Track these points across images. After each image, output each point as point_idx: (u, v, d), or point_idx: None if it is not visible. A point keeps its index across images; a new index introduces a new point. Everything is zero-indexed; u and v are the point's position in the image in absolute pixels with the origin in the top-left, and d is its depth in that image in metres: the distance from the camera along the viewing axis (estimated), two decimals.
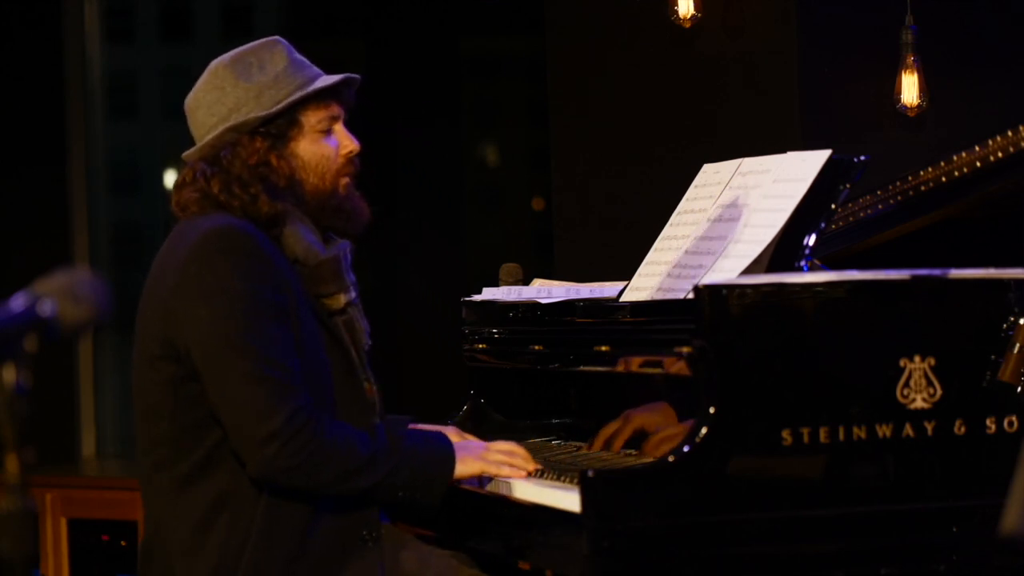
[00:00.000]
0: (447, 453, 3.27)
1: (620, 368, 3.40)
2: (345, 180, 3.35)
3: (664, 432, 3.28)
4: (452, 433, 3.50)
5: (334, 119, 3.34)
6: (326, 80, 3.32)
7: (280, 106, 3.26)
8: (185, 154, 3.34)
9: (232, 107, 3.27)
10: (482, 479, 3.36)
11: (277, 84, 3.28)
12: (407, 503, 3.25)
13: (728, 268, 3.32)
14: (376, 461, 3.16)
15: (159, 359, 3.20)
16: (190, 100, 3.34)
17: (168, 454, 3.22)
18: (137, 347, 3.27)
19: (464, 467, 3.27)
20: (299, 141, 3.30)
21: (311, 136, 3.31)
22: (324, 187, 3.32)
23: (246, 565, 3.15)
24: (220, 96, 3.28)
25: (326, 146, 3.32)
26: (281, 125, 3.28)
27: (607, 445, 3.47)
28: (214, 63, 3.33)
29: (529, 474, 3.32)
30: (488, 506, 3.39)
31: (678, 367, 3.16)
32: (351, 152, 3.36)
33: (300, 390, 3.11)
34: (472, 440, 3.45)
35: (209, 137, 3.28)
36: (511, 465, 3.30)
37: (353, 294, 3.33)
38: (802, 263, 3.28)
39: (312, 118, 3.31)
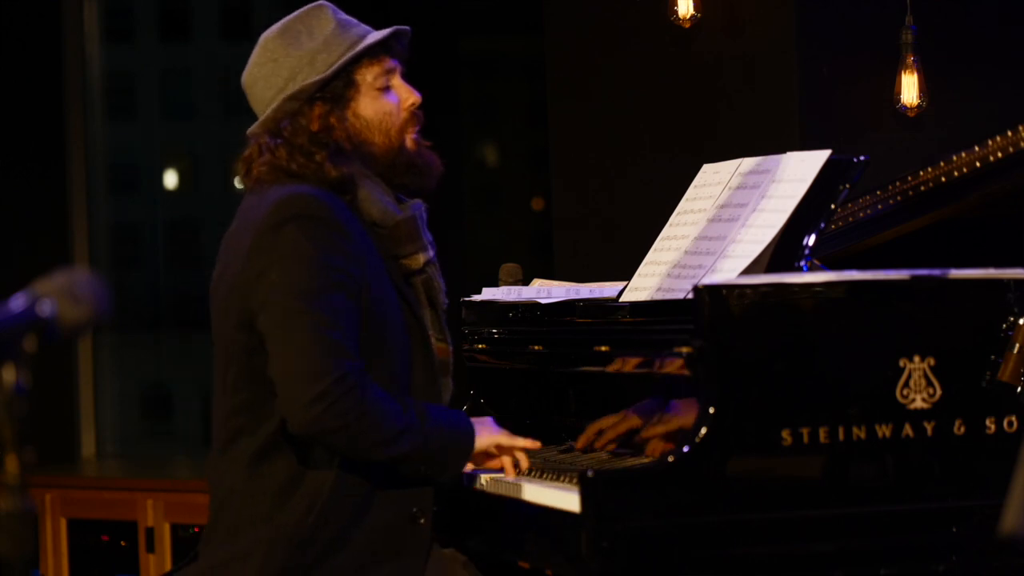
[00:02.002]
0: (468, 431, 3.29)
1: (620, 368, 3.40)
2: (412, 134, 3.36)
3: (654, 429, 3.28)
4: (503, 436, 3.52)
5: (390, 73, 3.35)
6: (376, 35, 3.33)
7: (334, 68, 3.27)
8: (249, 129, 3.35)
9: (288, 76, 3.28)
10: (476, 477, 3.37)
11: (328, 47, 3.29)
12: (425, 476, 3.27)
13: (728, 268, 3.32)
14: (407, 434, 3.18)
15: (235, 329, 3.23)
16: (246, 77, 3.35)
17: (245, 424, 3.25)
18: (215, 320, 3.31)
19: (480, 440, 3.31)
20: (359, 101, 3.31)
21: (370, 94, 3.32)
22: (392, 144, 3.33)
23: (310, 531, 3.18)
24: (274, 68, 3.29)
25: (387, 102, 3.33)
26: (338, 87, 3.29)
27: (596, 442, 3.47)
28: (263, 36, 3.35)
29: (530, 473, 3.32)
30: (488, 505, 3.39)
31: (678, 367, 3.15)
32: (413, 104, 3.37)
33: (352, 355, 3.13)
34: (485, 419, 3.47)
35: (269, 110, 3.29)
36: (517, 444, 3.35)
37: (431, 253, 3.36)
38: (802, 263, 3.28)
39: (368, 75, 3.32)
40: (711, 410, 3.01)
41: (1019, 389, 3.13)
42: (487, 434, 3.34)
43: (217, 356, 3.32)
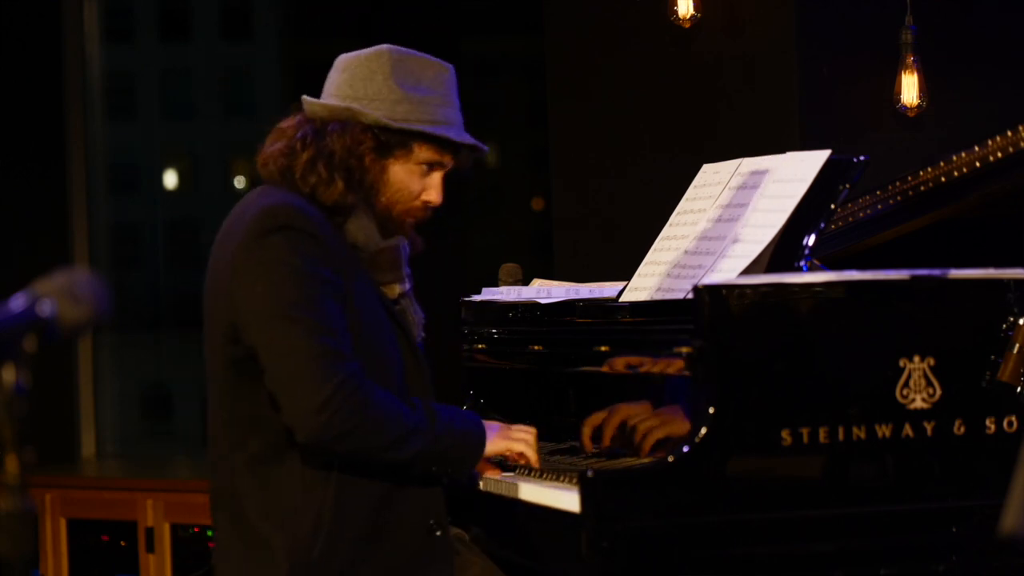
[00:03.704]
0: (479, 430, 3.30)
1: (619, 368, 3.40)
2: (411, 220, 3.38)
3: (653, 429, 3.28)
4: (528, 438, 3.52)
5: (437, 167, 3.37)
6: (458, 134, 3.36)
7: (404, 126, 3.29)
8: (305, 97, 3.35)
9: (369, 97, 3.30)
10: (476, 477, 3.37)
11: (418, 107, 3.32)
12: (438, 476, 3.27)
13: (727, 268, 3.32)
14: (417, 433, 3.18)
15: (225, 341, 3.23)
16: (345, 60, 3.36)
17: (241, 434, 3.24)
18: (206, 330, 3.31)
19: (492, 445, 3.31)
20: (398, 162, 3.32)
21: (410, 167, 3.33)
22: (391, 212, 3.34)
23: (322, 545, 3.17)
24: (368, 78, 3.31)
25: (416, 182, 3.35)
26: (394, 140, 3.30)
27: (595, 439, 3.47)
28: (386, 48, 3.35)
29: (530, 472, 3.32)
30: (488, 506, 3.39)
31: (677, 367, 3.15)
32: (430, 203, 3.38)
33: (350, 358, 3.13)
34: (494, 422, 3.47)
35: (332, 102, 3.31)
36: (532, 448, 3.35)
37: (408, 285, 3.37)
38: (801, 263, 3.28)
39: (423, 154, 3.34)
40: (711, 410, 3.01)
41: (1019, 389, 3.13)
42: (497, 438, 3.34)
43: (209, 366, 3.32)
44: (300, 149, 3.28)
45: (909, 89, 5.13)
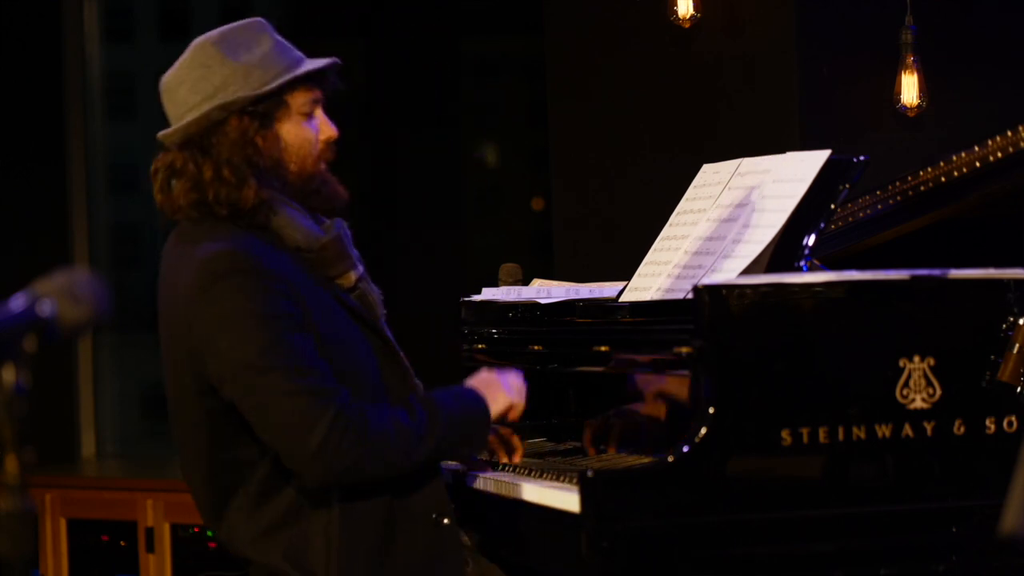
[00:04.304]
0: (480, 406, 3.30)
1: (619, 368, 3.40)
2: (324, 165, 3.34)
3: (647, 424, 3.28)
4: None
5: (316, 103, 3.32)
6: (315, 63, 3.30)
7: (271, 86, 3.23)
8: (162, 133, 3.28)
9: (219, 85, 3.23)
10: (476, 477, 3.38)
11: (264, 64, 3.25)
12: (454, 458, 3.33)
13: (727, 268, 3.32)
14: (424, 436, 3.17)
15: (197, 396, 3.20)
16: (170, 78, 3.29)
17: (232, 481, 3.22)
18: (171, 386, 3.27)
19: (496, 405, 3.33)
20: (284, 123, 3.27)
21: (295, 119, 3.28)
22: (304, 171, 3.29)
23: (337, 562, 3.16)
24: (206, 74, 3.24)
25: (308, 130, 3.30)
26: (268, 106, 3.25)
27: (596, 440, 3.47)
28: (198, 41, 3.30)
29: (530, 472, 3.32)
30: (487, 505, 3.39)
31: (677, 367, 3.15)
32: (331, 138, 3.33)
33: (335, 390, 3.11)
34: (483, 374, 3.43)
35: (192, 115, 3.23)
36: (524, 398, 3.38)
37: (360, 268, 3.33)
38: (801, 263, 3.28)
39: (298, 100, 3.28)
40: (711, 410, 3.01)
41: (1019, 389, 3.13)
42: (502, 398, 3.34)
43: (176, 420, 3.27)
44: (199, 167, 3.21)
45: (909, 89, 5.13)
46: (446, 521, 3.27)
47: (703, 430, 3.00)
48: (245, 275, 3.13)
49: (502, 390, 3.35)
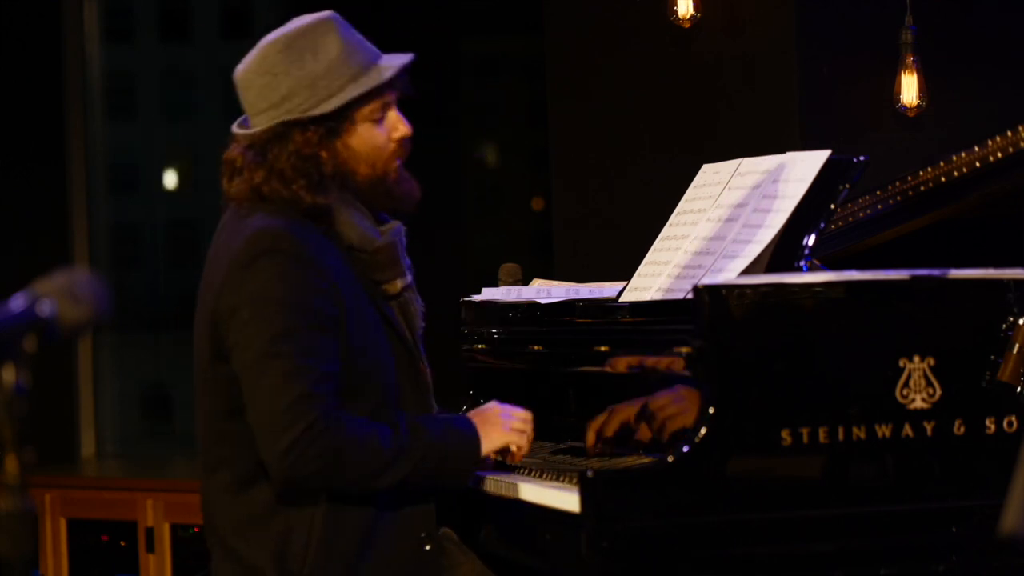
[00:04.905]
0: (471, 437, 3.26)
1: (619, 368, 3.40)
2: (397, 162, 3.31)
3: (653, 429, 3.28)
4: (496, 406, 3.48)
5: (387, 107, 3.29)
6: (382, 74, 3.25)
7: (334, 104, 3.20)
8: (236, 129, 3.30)
9: (285, 95, 3.20)
10: (476, 477, 3.37)
11: (331, 73, 3.21)
12: (436, 489, 3.26)
13: (727, 268, 3.32)
14: (400, 458, 3.15)
15: (211, 361, 3.21)
16: (241, 77, 3.27)
17: (227, 454, 3.23)
18: (195, 346, 3.28)
19: (489, 443, 3.28)
20: (352, 132, 3.24)
21: (364, 126, 3.26)
22: (375, 174, 3.28)
23: (309, 567, 3.16)
24: (271, 81, 3.21)
25: (378, 135, 3.27)
26: (334, 121, 3.22)
27: (598, 438, 3.47)
28: (266, 43, 3.25)
29: (530, 472, 3.32)
30: (487, 506, 3.39)
31: (677, 367, 3.15)
32: (403, 136, 3.31)
33: (323, 396, 3.10)
34: (490, 407, 3.41)
35: (259, 129, 3.23)
36: (528, 437, 3.32)
37: (409, 278, 3.33)
38: (801, 263, 3.28)
39: (366, 110, 3.25)
40: (711, 410, 3.01)
41: (1019, 389, 3.13)
42: (496, 434, 3.29)
43: (196, 382, 3.29)
44: (257, 177, 3.22)
45: (909, 89, 5.13)
46: (428, 547, 3.26)
47: (703, 430, 3.00)
48: (287, 258, 3.14)
49: (500, 428, 3.30)
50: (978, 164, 3.65)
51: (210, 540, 3.30)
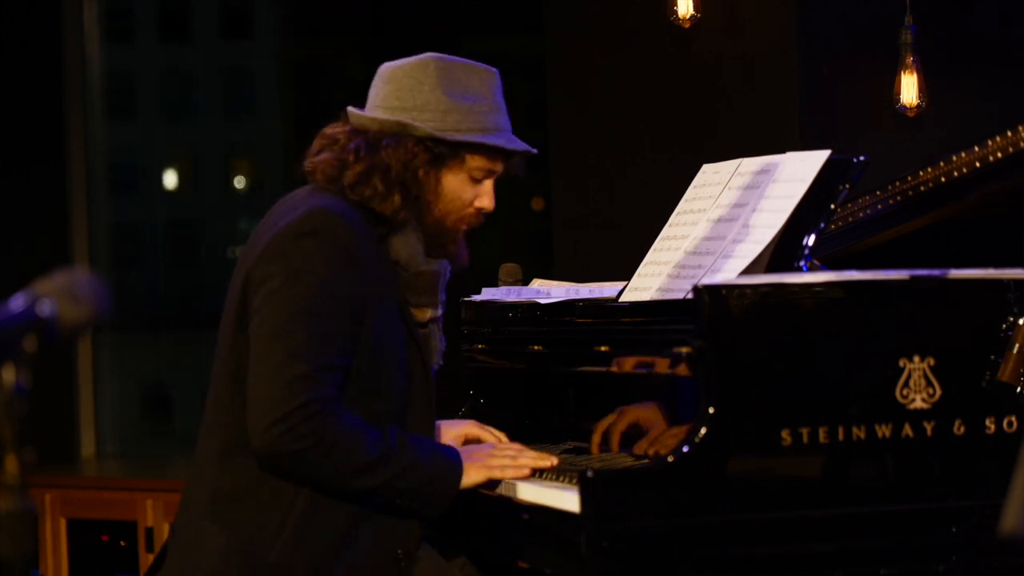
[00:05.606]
0: (453, 467, 3.24)
1: (619, 368, 3.40)
2: (464, 228, 3.36)
3: (656, 432, 3.28)
4: (472, 426, 3.52)
5: (491, 174, 3.35)
6: (509, 142, 3.34)
7: (458, 137, 3.26)
8: (352, 110, 3.33)
9: (420, 104, 3.26)
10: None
11: (467, 116, 3.29)
12: (407, 511, 3.23)
13: (727, 268, 3.32)
14: (380, 465, 3.14)
15: (234, 325, 3.23)
16: (389, 70, 3.32)
17: (224, 420, 3.23)
18: (224, 311, 3.30)
19: (469, 477, 3.26)
20: (450, 173, 3.30)
21: (462, 176, 3.31)
22: (444, 222, 3.32)
23: (277, 553, 3.16)
24: (416, 88, 3.28)
25: (468, 190, 3.32)
26: (446, 152, 3.28)
27: (604, 441, 3.47)
28: (431, 57, 3.32)
29: (531, 472, 3.32)
30: (487, 506, 3.39)
31: (677, 367, 3.15)
32: (484, 209, 3.36)
33: (326, 384, 3.11)
34: (488, 434, 3.44)
35: (380, 115, 3.27)
36: (515, 467, 3.30)
37: (440, 312, 3.35)
38: (801, 263, 3.28)
39: (475, 163, 3.32)
40: (711, 410, 3.01)
41: (1019, 389, 3.13)
42: (477, 468, 3.27)
43: (218, 349, 3.30)
44: (353, 161, 3.25)
45: (909, 89, 5.14)
46: (403, 564, 3.24)
47: (703, 430, 3.00)
48: (333, 246, 3.16)
49: (484, 465, 3.28)
50: (978, 164, 3.65)
51: (180, 518, 3.29)
